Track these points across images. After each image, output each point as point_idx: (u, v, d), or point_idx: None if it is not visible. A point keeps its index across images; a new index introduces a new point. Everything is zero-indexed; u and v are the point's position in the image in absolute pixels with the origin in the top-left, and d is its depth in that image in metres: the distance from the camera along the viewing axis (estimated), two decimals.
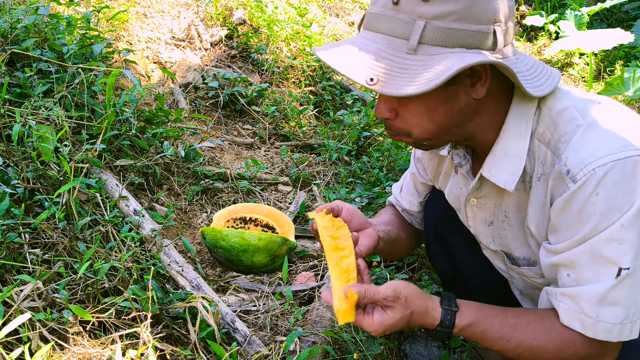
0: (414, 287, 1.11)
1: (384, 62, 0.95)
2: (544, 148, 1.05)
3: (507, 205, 1.17)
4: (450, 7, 0.92)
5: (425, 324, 1.11)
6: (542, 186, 1.07)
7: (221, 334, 1.61)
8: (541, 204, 1.08)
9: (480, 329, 1.09)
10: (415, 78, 0.92)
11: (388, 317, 1.07)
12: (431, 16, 0.92)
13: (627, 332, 1.00)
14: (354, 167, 2.84)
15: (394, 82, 0.93)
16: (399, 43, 0.96)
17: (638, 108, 3.75)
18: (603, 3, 4.86)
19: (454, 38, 0.93)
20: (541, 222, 1.10)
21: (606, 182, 0.95)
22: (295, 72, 3.76)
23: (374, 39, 0.99)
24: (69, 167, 1.79)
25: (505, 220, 1.20)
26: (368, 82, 0.94)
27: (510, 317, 1.09)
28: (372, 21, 1.00)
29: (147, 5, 3.83)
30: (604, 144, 0.97)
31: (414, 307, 1.08)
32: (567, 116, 1.03)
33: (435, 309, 1.10)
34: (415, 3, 0.93)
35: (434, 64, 0.93)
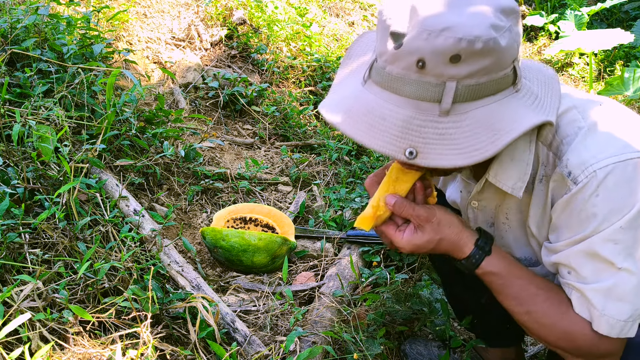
0: (451, 214, 1.10)
1: (417, 131, 0.89)
2: (545, 150, 1.05)
3: (508, 207, 1.17)
4: (480, 65, 0.87)
5: (454, 252, 1.10)
6: (543, 187, 1.07)
7: (221, 334, 1.61)
8: (542, 205, 1.08)
9: (500, 281, 1.09)
10: (458, 145, 0.88)
11: (417, 236, 1.07)
12: (462, 77, 0.87)
13: (627, 330, 1.00)
14: (354, 167, 2.84)
15: (435, 151, 0.88)
16: (429, 107, 0.89)
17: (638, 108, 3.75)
18: (603, 3, 4.86)
19: (482, 91, 0.90)
20: (542, 222, 1.10)
21: (607, 184, 0.95)
22: (295, 72, 3.76)
23: (397, 103, 0.91)
24: (69, 167, 1.79)
25: (506, 222, 1.20)
26: (407, 156, 0.89)
27: (533, 286, 1.09)
28: (392, 82, 0.91)
29: (147, 5, 3.83)
30: (605, 145, 0.97)
31: (444, 234, 1.08)
32: (569, 118, 1.03)
33: (466, 244, 1.09)
34: (443, 66, 0.86)
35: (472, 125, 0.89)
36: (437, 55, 0.85)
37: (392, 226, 1.10)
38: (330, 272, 2.07)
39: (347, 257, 2.14)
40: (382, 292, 1.86)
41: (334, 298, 1.84)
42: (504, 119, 0.90)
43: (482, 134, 0.89)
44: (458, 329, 1.92)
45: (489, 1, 0.90)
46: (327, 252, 2.24)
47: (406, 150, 0.89)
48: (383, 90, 0.93)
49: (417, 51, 0.86)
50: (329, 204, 2.59)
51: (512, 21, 0.91)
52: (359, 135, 0.91)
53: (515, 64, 0.93)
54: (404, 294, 1.82)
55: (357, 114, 0.93)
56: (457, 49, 0.84)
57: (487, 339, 1.64)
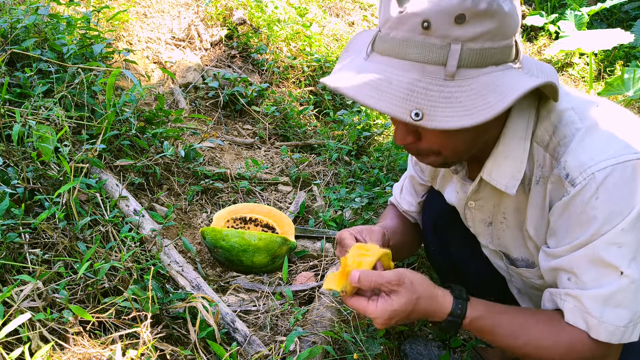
0: (420, 275, 1.08)
1: (423, 93, 0.88)
2: (542, 151, 1.05)
3: (505, 207, 1.17)
4: (485, 28, 0.87)
5: (434, 312, 1.06)
6: (540, 189, 1.07)
7: (221, 334, 1.61)
8: (540, 207, 1.08)
9: (490, 323, 1.07)
10: (464, 107, 0.88)
11: (393, 302, 1.02)
12: (466, 39, 0.87)
13: (628, 335, 1.00)
14: (354, 167, 2.84)
15: (442, 113, 0.87)
16: (434, 69, 0.89)
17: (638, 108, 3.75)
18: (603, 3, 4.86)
19: (487, 57, 0.90)
20: (540, 225, 1.10)
21: (606, 186, 0.94)
22: (295, 72, 3.76)
23: (403, 67, 0.90)
24: (69, 167, 1.79)
25: (503, 221, 1.20)
26: (413, 118, 0.87)
27: (520, 316, 1.08)
28: (397, 47, 0.90)
29: (147, 5, 3.83)
30: (604, 147, 0.97)
31: (420, 292, 1.04)
32: (566, 119, 1.02)
33: (444, 297, 1.06)
34: (448, 26, 0.86)
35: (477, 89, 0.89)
36: (442, 15, 0.86)
37: (362, 299, 1.05)
38: (330, 272, 2.07)
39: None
40: None
41: (334, 298, 1.84)
42: (509, 83, 0.90)
43: (489, 95, 0.88)
44: None
45: None
46: (327, 252, 2.24)
47: (412, 112, 0.88)
48: (389, 57, 0.92)
49: (422, 12, 0.86)
50: (329, 204, 2.59)
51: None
52: (365, 98, 0.90)
53: (516, 38, 0.93)
54: None
55: (362, 78, 0.92)
56: (461, 8, 0.85)
57: None
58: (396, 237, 1.44)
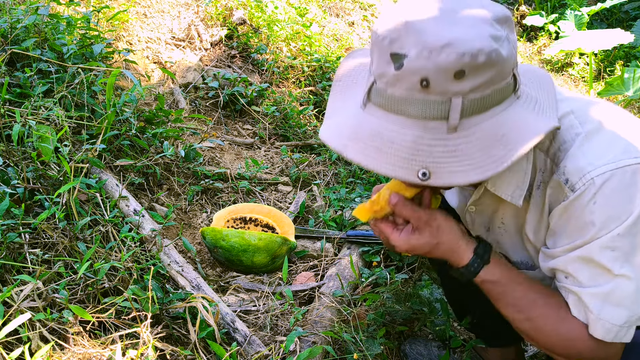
0: (452, 221, 1.09)
1: (427, 151, 0.87)
2: (543, 156, 1.05)
3: (504, 212, 1.17)
4: (485, 78, 0.85)
5: (451, 259, 1.09)
6: (540, 194, 1.07)
7: (221, 334, 1.61)
8: (539, 211, 1.08)
9: (500, 289, 1.09)
10: (471, 160, 0.87)
11: (414, 237, 1.06)
12: (467, 91, 0.85)
13: (622, 335, 1.00)
14: (354, 167, 2.84)
15: (448, 169, 0.86)
16: (436, 125, 0.87)
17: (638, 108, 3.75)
18: (603, 3, 4.86)
19: (488, 103, 0.88)
20: (539, 229, 1.10)
21: (604, 191, 0.94)
22: (295, 72, 3.76)
23: (403, 124, 0.88)
24: (69, 167, 1.79)
25: (502, 226, 1.20)
26: (420, 178, 0.86)
27: (532, 292, 1.08)
28: (395, 104, 0.88)
29: (147, 5, 3.83)
30: (603, 152, 0.96)
31: (443, 239, 1.07)
32: (566, 124, 1.02)
33: (465, 251, 1.08)
34: (447, 83, 0.84)
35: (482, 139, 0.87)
36: (440, 72, 0.83)
37: (390, 225, 1.10)
38: (330, 272, 2.07)
39: (347, 257, 2.14)
40: (382, 292, 1.86)
41: (334, 298, 1.84)
42: (513, 129, 0.89)
43: (494, 146, 0.87)
44: (458, 329, 1.92)
45: (483, 11, 0.88)
46: (327, 252, 2.24)
47: (419, 172, 0.86)
48: (387, 112, 0.90)
49: (420, 71, 0.84)
50: (329, 204, 2.59)
51: (508, 29, 0.90)
52: (368, 161, 0.89)
53: (514, 71, 0.92)
54: (404, 294, 1.82)
55: (363, 139, 0.91)
56: (460, 65, 0.83)
57: (486, 339, 1.64)
58: None
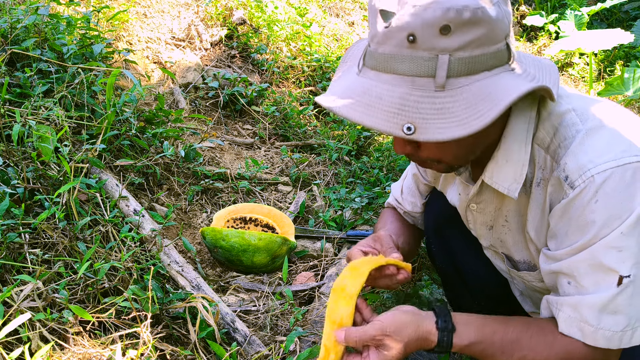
0: (400, 315, 1.09)
1: (414, 107, 0.88)
2: (543, 153, 1.04)
3: (507, 209, 1.17)
4: (472, 36, 0.86)
5: (425, 346, 1.09)
6: (541, 191, 1.06)
7: (221, 334, 1.61)
8: (540, 209, 1.08)
9: (480, 348, 1.08)
10: (456, 117, 0.87)
11: (384, 356, 1.06)
12: (454, 49, 0.87)
13: (627, 340, 0.99)
14: (354, 167, 2.84)
15: (434, 126, 0.87)
16: (424, 82, 0.89)
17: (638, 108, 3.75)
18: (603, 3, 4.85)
19: (477, 65, 0.89)
20: (540, 227, 1.10)
21: (605, 189, 0.94)
22: (295, 72, 3.76)
23: (393, 82, 0.90)
24: (69, 167, 1.79)
25: (505, 224, 1.19)
26: (405, 132, 0.87)
27: (511, 332, 1.07)
28: (385, 62, 0.91)
29: (147, 5, 3.83)
30: (604, 150, 0.96)
31: (406, 337, 1.07)
32: (567, 121, 1.02)
33: (430, 331, 1.08)
34: (434, 38, 0.86)
35: (469, 98, 0.88)
36: (426, 27, 0.85)
37: (357, 358, 1.10)
38: (330, 272, 2.07)
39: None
40: (382, 292, 1.86)
41: None
42: (501, 88, 0.90)
43: (480, 104, 0.88)
44: None
45: None
46: (327, 252, 2.24)
47: (404, 126, 0.88)
48: (378, 72, 0.92)
49: (407, 26, 0.86)
50: (329, 204, 2.59)
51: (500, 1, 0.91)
52: (356, 115, 0.91)
53: (507, 40, 0.93)
54: (404, 294, 1.82)
55: (353, 96, 0.93)
56: (445, 19, 0.84)
57: None
58: (400, 239, 1.44)
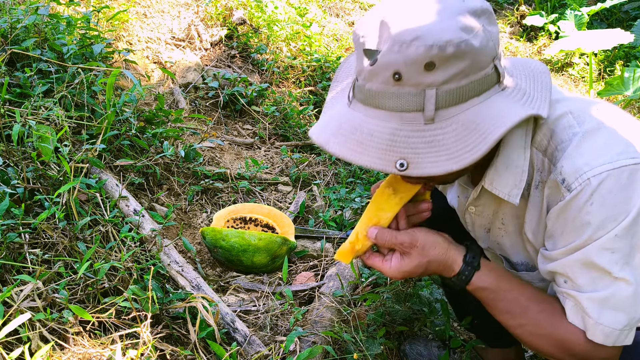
0: (434, 235, 1.10)
1: (405, 142, 0.89)
2: (541, 156, 1.05)
3: (504, 213, 1.17)
4: (457, 69, 0.87)
5: (444, 272, 1.11)
6: (539, 194, 1.07)
7: (221, 334, 1.61)
8: (537, 211, 1.08)
9: (491, 296, 1.10)
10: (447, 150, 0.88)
11: (404, 263, 1.08)
12: (440, 82, 0.87)
13: (622, 338, 1.00)
14: (354, 167, 2.84)
15: (426, 159, 0.88)
16: (412, 116, 0.89)
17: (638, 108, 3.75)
18: (603, 3, 4.86)
19: (465, 94, 0.90)
20: (537, 229, 1.10)
21: (601, 192, 0.94)
22: (295, 72, 3.76)
23: (382, 117, 0.91)
24: (69, 167, 1.79)
25: (502, 227, 1.19)
26: (398, 169, 0.89)
27: (524, 298, 1.08)
28: (373, 98, 0.92)
29: (147, 5, 3.83)
30: (600, 152, 0.96)
31: (431, 255, 1.08)
32: (564, 123, 1.02)
33: (455, 261, 1.10)
34: (419, 75, 0.87)
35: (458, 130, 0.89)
36: (410, 65, 0.86)
37: (378, 258, 1.12)
38: (330, 272, 2.07)
39: None
40: (382, 292, 1.86)
41: (334, 298, 1.84)
42: (490, 117, 0.90)
43: (470, 135, 0.89)
44: (458, 329, 1.92)
45: (457, 6, 0.90)
46: (327, 252, 2.24)
47: (397, 162, 0.89)
48: (367, 107, 0.93)
49: (392, 64, 0.87)
50: (329, 204, 2.59)
51: (485, 21, 0.90)
52: (348, 154, 0.92)
53: (496, 62, 0.92)
54: (404, 294, 1.82)
55: (345, 133, 0.94)
56: (429, 57, 0.85)
57: (487, 339, 1.64)
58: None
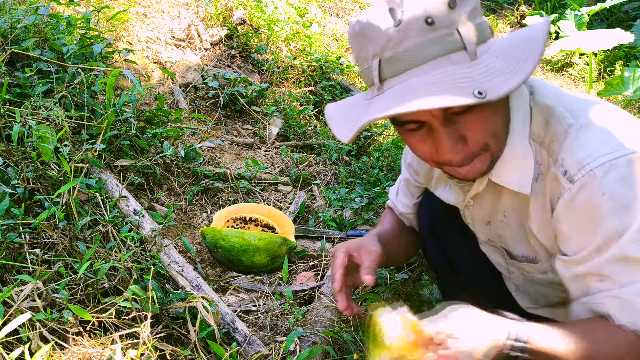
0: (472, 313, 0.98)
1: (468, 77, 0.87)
2: (539, 147, 1.05)
3: (505, 205, 1.17)
4: (470, 6, 0.91)
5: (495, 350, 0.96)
6: (540, 186, 1.07)
7: (221, 334, 1.61)
8: (541, 204, 1.08)
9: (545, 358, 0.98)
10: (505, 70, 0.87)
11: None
12: (465, 19, 0.90)
13: None
14: (354, 167, 2.84)
15: (496, 83, 0.85)
16: (459, 57, 0.89)
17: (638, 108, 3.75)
18: (603, 3, 4.85)
19: (485, 32, 0.93)
20: (543, 223, 1.09)
21: (609, 182, 0.94)
22: (295, 72, 3.76)
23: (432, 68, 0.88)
24: (69, 167, 1.79)
25: (503, 219, 1.19)
26: (477, 96, 0.83)
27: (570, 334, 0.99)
28: (415, 55, 0.89)
29: (147, 5, 3.83)
30: (600, 144, 0.96)
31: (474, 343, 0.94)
32: (557, 115, 1.03)
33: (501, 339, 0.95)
34: (447, 14, 0.88)
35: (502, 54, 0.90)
36: (438, 6, 0.88)
37: None
38: (330, 272, 2.07)
39: None
40: (382, 292, 1.86)
41: (334, 298, 1.84)
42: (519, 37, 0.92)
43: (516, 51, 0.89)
44: None
45: None
46: (327, 252, 2.24)
47: (475, 91, 0.84)
48: (409, 71, 0.90)
49: (422, 12, 0.88)
50: (329, 204, 2.59)
51: None
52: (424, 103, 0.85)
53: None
54: (404, 294, 1.82)
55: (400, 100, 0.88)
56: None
57: None
58: (393, 241, 1.44)
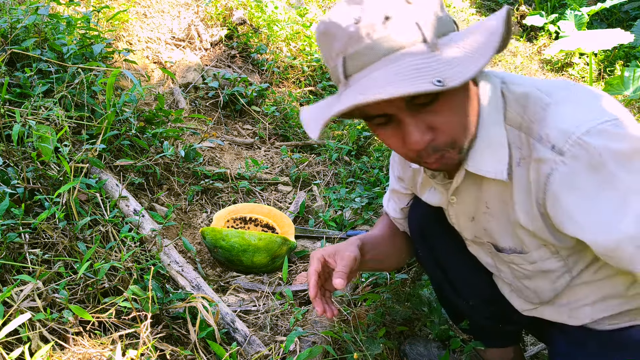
0: None
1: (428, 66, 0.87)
2: (516, 132, 1.04)
3: (487, 196, 1.15)
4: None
5: None
6: (523, 171, 1.05)
7: (221, 334, 1.61)
8: (525, 190, 1.06)
9: None
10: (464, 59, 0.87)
11: None
12: (424, 12, 0.91)
13: None
14: (354, 167, 2.84)
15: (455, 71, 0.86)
16: (419, 49, 0.89)
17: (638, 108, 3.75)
18: (603, 3, 4.85)
19: (445, 25, 0.93)
20: (530, 209, 1.07)
21: (601, 144, 0.92)
22: (295, 72, 3.76)
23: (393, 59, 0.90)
24: (69, 167, 1.79)
25: (487, 211, 1.17)
26: (436, 84, 0.84)
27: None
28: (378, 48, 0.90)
29: (147, 5, 3.83)
30: (582, 114, 0.96)
31: None
32: (534, 98, 1.03)
33: None
34: (404, 8, 0.89)
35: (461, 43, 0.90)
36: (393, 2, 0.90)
37: None
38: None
39: None
40: (382, 292, 1.86)
41: (334, 298, 1.84)
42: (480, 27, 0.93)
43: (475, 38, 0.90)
44: (458, 329, 1.92)
45: None
46: None
47: (433, 80, 0.85)
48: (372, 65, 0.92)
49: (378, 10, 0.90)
50: (329, 204, 2.59)
51: None
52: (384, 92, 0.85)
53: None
54: (404, 294, 1.82)
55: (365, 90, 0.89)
56: None
57: (484, 340, 1.64)
58: (382, 245, 1.43)
